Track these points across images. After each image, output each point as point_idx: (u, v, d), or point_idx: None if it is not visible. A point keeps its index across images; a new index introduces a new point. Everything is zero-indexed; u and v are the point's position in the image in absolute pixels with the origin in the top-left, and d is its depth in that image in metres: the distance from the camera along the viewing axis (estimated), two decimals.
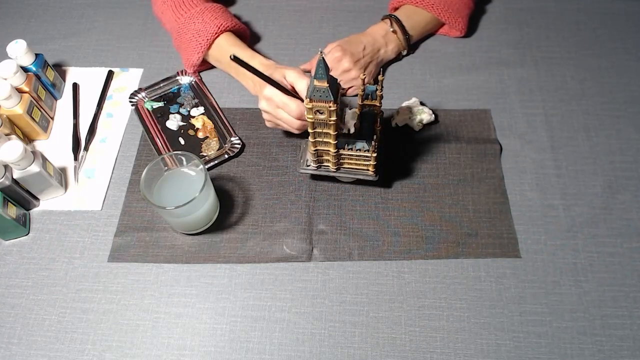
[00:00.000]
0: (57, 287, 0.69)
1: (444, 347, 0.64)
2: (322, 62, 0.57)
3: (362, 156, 0.68)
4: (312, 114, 0.62)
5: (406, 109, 0.80)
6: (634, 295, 0.67)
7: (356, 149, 0.67)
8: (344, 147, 0.67)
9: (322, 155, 0.70)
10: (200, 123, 0.83)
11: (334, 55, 0.81)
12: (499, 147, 0.79)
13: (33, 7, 1.01)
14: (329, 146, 0.67)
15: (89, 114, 0.85)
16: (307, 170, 0.72)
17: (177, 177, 0.71)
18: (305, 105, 0.61)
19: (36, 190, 0.74)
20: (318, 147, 0.68)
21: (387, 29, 0.86)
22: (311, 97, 0.60)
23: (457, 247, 0.71)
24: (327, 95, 0.59)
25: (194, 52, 0.84)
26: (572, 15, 0.96)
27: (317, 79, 0.58)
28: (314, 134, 0.65)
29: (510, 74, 0.88)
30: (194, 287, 0.69)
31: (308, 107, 0.61)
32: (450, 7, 0.88)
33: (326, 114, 0.61)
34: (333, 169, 0.71)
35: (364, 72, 0.83)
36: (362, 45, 0.83)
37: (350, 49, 0.82)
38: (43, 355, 0.65)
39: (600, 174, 0.76)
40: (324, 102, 0.60)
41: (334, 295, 0.68)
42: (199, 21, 0.83)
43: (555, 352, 0.63)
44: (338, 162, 0.70)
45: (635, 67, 0.88)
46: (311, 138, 0.66)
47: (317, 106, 0.61)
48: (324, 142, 0.66)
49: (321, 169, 0.72)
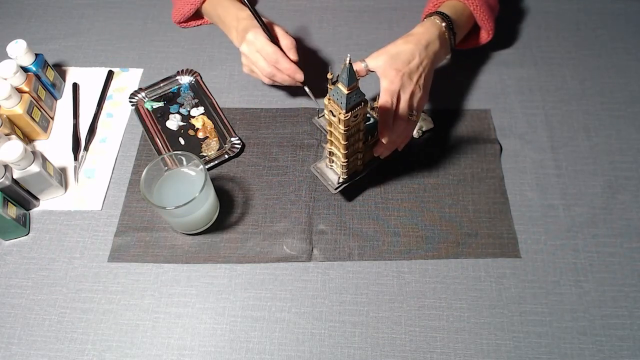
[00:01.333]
0: (57, 287, 0.69)
1: (444, 347, 0.64)
2: (348, 68, 0.54)
3: None
4: (328, 112, 0.61)
5: None
6: (634, 295, 0.67)
7: None
8: None
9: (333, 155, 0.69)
10: (200, 123, 0.83)
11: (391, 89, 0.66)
12: (499, 147, 0.79)
13: (33, 7, 1.01)
14: (340, 152, 0.65)
15: (89, 114, 0.85)
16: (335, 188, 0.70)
17: (177, 177, 0.71)
18: (324, 101, 0.60)
19: (36, 190, 0.74)
20: (332, 148, 0.67)
21: (442, 28, 0.73)
22: (330, 95, 0.59)
23: (457, 247, 0.71)
24: (341, 101, 0.57)
25: (187, 3, 0.87)
26: (572, 15, 0.96)
27: (340, 82, 0.57)
28: (330, 133, 0.64)
29: (510, 74, 0.88)
30: (194, 287, 0.69)
31: (325, 103, 0.60)
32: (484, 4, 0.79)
33: (337, 120, 0.60)
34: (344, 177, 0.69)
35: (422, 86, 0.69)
36: (414, 56, 0.68)
37: (403, 69, 0.67)
38: (43, 355, 0.65)
39: (600, 174, 0.76)
40: (338, 106, 0.58)
41: (334, 295, 0.68)
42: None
43: (555, 352, 0.63)
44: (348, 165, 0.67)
45: (635, 67, 0.88)
46: (328, 136, 0.65)
47: (332, 107, 0.60)
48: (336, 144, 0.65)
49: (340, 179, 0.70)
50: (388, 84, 0.65)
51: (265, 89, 0.87)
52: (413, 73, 0.67)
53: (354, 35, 0.94)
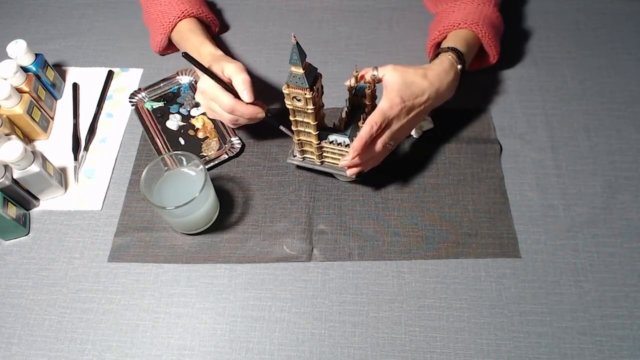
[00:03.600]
0: (57, 287, 0.69)
1: (444, 347, 0.64)
2: (296, 47, 0.56)
3: (344, 151, 0.67)
4: (290, 100, 0.62)
5: None
6: (634, 295, 0.67)
7: (337, 142, 0.66)
8: (326, 139, 0.67)
9: (304, 146, 0.69)
10: (200, 123, 0.83)
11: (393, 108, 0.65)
12: (499, 147, 0.79)
13: (33, 7, 1.01)
14: (311, 137, 0.66)
15: (89, 114, 0.85)
16: (293, 161, 0.72)
17: (177, 177, 0.71)
18: (283, 91, 0.61)
19: (36, 190, 0.74)
20: (301, 138, 0.68)
21: (457, 71, 0.72)
22: (288, 82, 0.59)
23: (457, 247, 0.71)
24: (302, 82, 0.58)
25: (158, 33, 0.86)
26: (572, 15, 0.96)
27: (293, 64, 0.57)
28: (295, 123, 0.65)
29: (510, 74, 0.88)
30: (194, 287, 0.69)
31: (285, 93, 0.61)
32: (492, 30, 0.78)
33: (302, 102, 0.61)
34: (317, 162, 0.70)
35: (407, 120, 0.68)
36: (424, 94, 0.68)
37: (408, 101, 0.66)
38: (43, 355, 0.65)
39: (600, 174, 0.76)
40: (300, 89, 0.59)
41: (334, 295, 0.68)
42: (165, 2, 0.84)
43: (555, 352, 0.63)
44: (321, 155, 0.70)
45: (635, 67, 0.88)
46: (294, 126, 0.66)
47: (293, 92, 0.60)
48: (305, 132, 0.66)
49: (306, 161, 0.72)
50: (388, 107, 0.65)
51: (265, 89, 0.87)
52: (413, 109, 0.68)
53: (354, 35, 0.94)
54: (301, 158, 0.72)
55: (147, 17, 0.88)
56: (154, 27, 0.86)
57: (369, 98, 0.66)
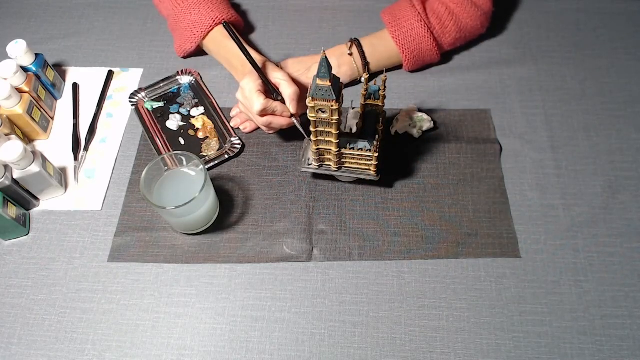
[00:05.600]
0: (57, 287, 0.69)
1: (444, 347, 0.64)
2: (325, 61, 0.57)
3: (364, 156, 0.68)
4: (314, 113, 0.62)
5: (406, 116, 0.79)
6: (634, 295, 0.67)
7: (358, 148, 0.67)
8: (346, 146, 0.67)
9: (324, 154, 0.70)
10: (200, 123, 0.83)
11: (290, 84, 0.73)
12: (499, 147, 0.79)
13: (33, 7, 1.01)
14: (331, 145, 0.67)
15: (89, 114, 0.85)
16: (309, 169, 0.72)
17: (177, 177, 0.71)
18: (308, 104, 0.61)
19: (36, 190, 0.74)
20: (320, 146, 0.68)
21: (344, 51, 0.84)
22: (313, 95, 0.60)
23: (457, 247, 0.71)
24: (329, 94, 0.59)
25: (188, 42, 0.86)
26: (572, 15, 0.96)
27: (320, 78, 0.58)
28: (316, 133, 0.65)
29: (510, 74, 0.88)
30: (194, 287, 0.69)
31: (310, 106, 0.61)
32: (416, 51, 0.83)
33: (328, 113, 0.61)
34: (334, 168, 0.71)
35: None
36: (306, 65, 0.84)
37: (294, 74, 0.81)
38: (43, 355, 0.65)
39: (600, 174, 0.76)
40: (327, 101, 0.60)
41: (334, 295, 0.68)
42: (195, 12, 0.84)
43: (555, 352, 0.63)
44: (339, 162, 0.70)
45: (635, 67, 0.88)
46: (313, 137, 0.66)
47: (319, 105, 0.61)
48: (325, 141, 0.66)
49: (323, 168, 0.72)
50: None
51: None
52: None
53: (354, 35, 0.94)
54: (317, 166, 0.72)
55: (174, 25, 0.87)
56: (183, 36, 0.86)
57: (382, 99, 0.66)
